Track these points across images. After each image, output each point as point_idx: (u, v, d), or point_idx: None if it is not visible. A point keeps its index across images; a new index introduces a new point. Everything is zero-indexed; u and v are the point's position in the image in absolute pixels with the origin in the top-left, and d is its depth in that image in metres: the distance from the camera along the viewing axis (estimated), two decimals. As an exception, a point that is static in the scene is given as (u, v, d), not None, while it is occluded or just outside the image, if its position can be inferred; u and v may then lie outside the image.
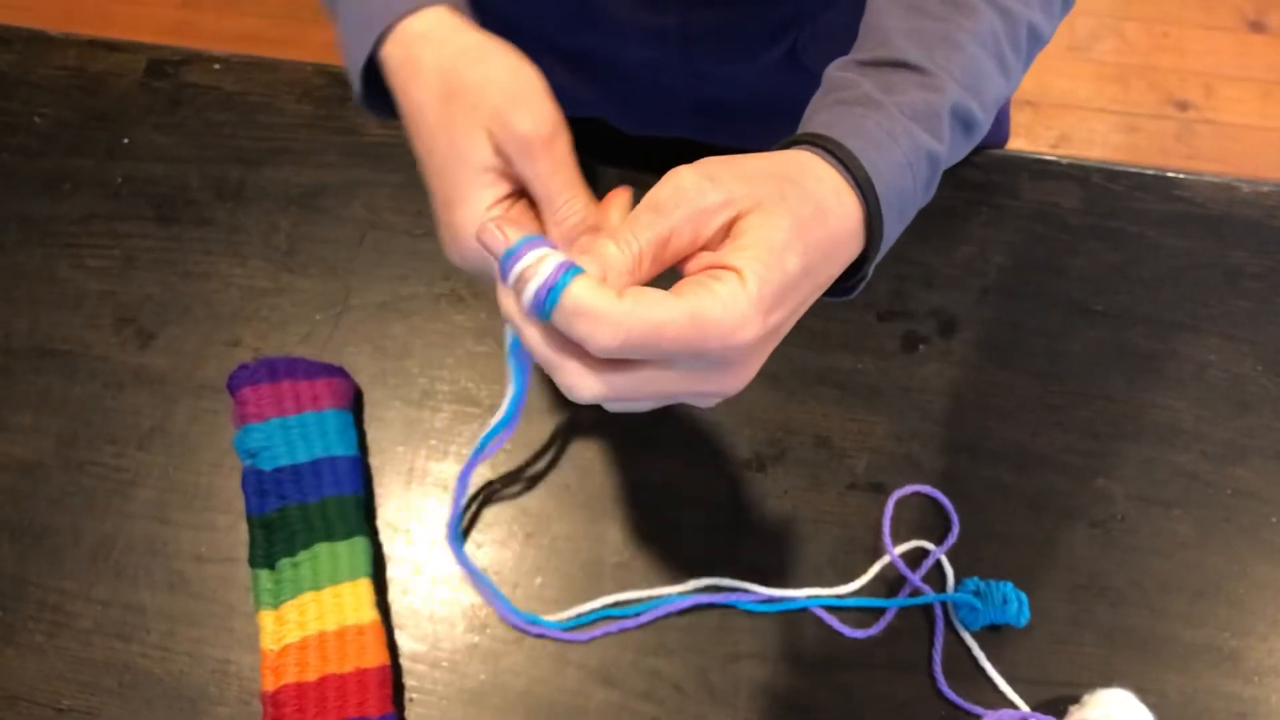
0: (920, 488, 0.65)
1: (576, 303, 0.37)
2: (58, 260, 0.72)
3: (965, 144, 0.51)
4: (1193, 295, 0.71)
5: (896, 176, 0.45)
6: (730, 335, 0.39)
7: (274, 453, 0.62)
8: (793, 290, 0.41)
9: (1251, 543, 0.64)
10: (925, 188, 0.48)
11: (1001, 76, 0.51)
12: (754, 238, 0.40)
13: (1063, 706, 0.60)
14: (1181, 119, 1.85)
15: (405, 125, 0.48)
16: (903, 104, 0.46)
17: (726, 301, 0.39)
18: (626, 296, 0.38)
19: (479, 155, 0.45)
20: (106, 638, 0.62)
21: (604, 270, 0.39)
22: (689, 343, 0.38)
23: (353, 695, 0.57)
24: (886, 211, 0.45)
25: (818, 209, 0.42)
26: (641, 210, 0.40)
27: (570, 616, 0.62)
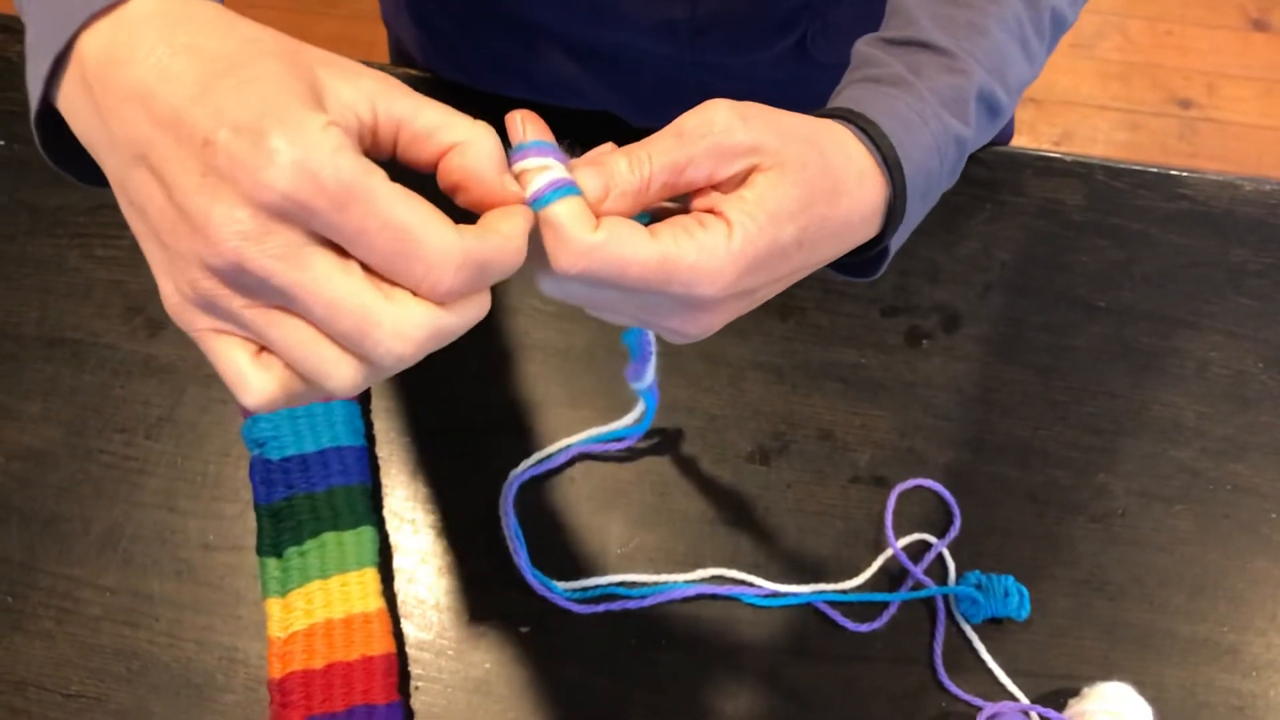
0: (923, 482, 0.66)
1: (551, 220, 0.37)
2: (67, 250, 0.72)
3: (990, 128, 0.51)
4: (1195, 292, 0.71)
5: (925, 159, 0.45)
6: (696, 284, 0.38)
7: (282, 442, 0.63)
8: (780, 259, 0.40)
9: (1251, 538, 0.65)
10: (951, 172, 0.49)
11: (1025, 61, 0.51)
12: (760, 194, 0.39)
13: (1062, 699, 0.60)
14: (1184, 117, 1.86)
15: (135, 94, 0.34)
16: (933, 87, 0.47)
17: (704, 249, 0.38)
18: (601, 228, 0.37)
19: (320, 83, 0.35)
20: (115, 625, 0.63)
21: (607, 185, 0.38)
22: (651, 284, 0.38)
23: (359, 683, 0.58)
24: (911, 193, 0.45)
25: (834, 188, 0.41)
26: (664, 134, 0.39)
27: (578, 587, 0.63)
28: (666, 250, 0.37)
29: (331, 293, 0.33)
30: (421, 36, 0.80)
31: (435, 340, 0.35)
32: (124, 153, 0.35)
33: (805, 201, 0.40)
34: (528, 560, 0.63)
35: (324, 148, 0.32)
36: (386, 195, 0.33)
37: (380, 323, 0.33)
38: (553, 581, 0.63)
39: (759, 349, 0.69)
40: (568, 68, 0.74)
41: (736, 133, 0.39)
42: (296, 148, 0.32)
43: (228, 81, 0.33)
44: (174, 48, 0.34)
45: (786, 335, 0.70)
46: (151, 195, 0.35)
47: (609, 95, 0.74)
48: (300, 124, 0.32)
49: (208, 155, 0.32)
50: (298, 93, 0.34)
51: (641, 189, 0.38)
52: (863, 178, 0.43)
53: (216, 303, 0.35)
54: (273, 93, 0.33)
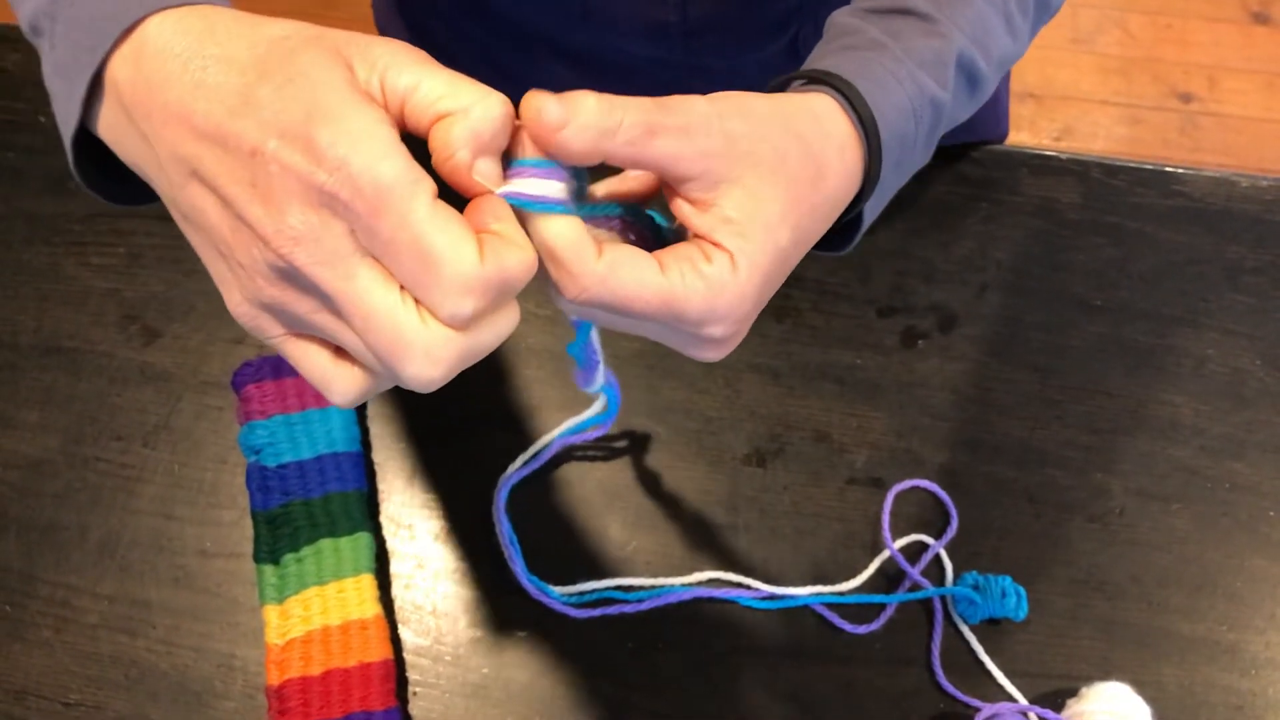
0: (919, 482, 0.66)
1: (548, 246, 0.36)
2: (63, 258, 0.73)
3: (969, 101, 0.50)
4: (1192, 290, 0.71)
5: (900, 121, 0.44)
6: (710, 323, 0.38)
7: (278, 449, 0.63)
8: (783, 265, 0.40)
9: (1249, 537, 0.65)
10: (926, 139, 0.48)
11: (1008, 35, 0.50)
12: (747, 212, 0.38)
13: (1061, 699, 0.60)
14: (1185, 111, 1.85)
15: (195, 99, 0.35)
16: (909, 49, 0.46)
17: (714, 284, 0.37)
18: (603, 258, 0.36)
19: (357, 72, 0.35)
20: (113, 633, 0.63)
21: (567, 118, 0.35)
22: (659, 318, 0.37)
23: (356, 689, 0.58)
24: (886, 159, 0.44)
25: (818, 172, 0.41)
26: (643, 99, 0.37)
27: (575, 592, 0.63)
28: (674, 288, 0.37)
29: (369, 306, 0.33)
30: (414, 40, 0.80)
31: (465, 360, 0.35)
32: (174, 172, 0.35)
33: (792, 198, 0.39)
34: (523, 566, 0.63)
35: (371, 152, 0.32)
36: (420, 210, 0.32)
37: (411, 344, 0.33)
38: (549, 586, 0.63)
39: (755, 350, 0.69)
40: (560, 71, 0.74)
41: (713, 121, 0.38)
42: (343, 148, 0.32)
43: (266, 88, 0.33)
44: (205, 61, 0.34)
45: (782, 337, 0.70)
46: (206, 210, 0.35)
47: (602, 99, 0.74)
48: (346, 123, 0.32)
49: (257, 165, 0.33)
50: (338, 85, 0.33)
51: (606, 133, 0.36)
52: (843, 150, 0.42)
53: (285, 308, 0.35)
54: (314, 92, 0.33)
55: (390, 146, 0.33)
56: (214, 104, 0.34)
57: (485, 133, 0.35)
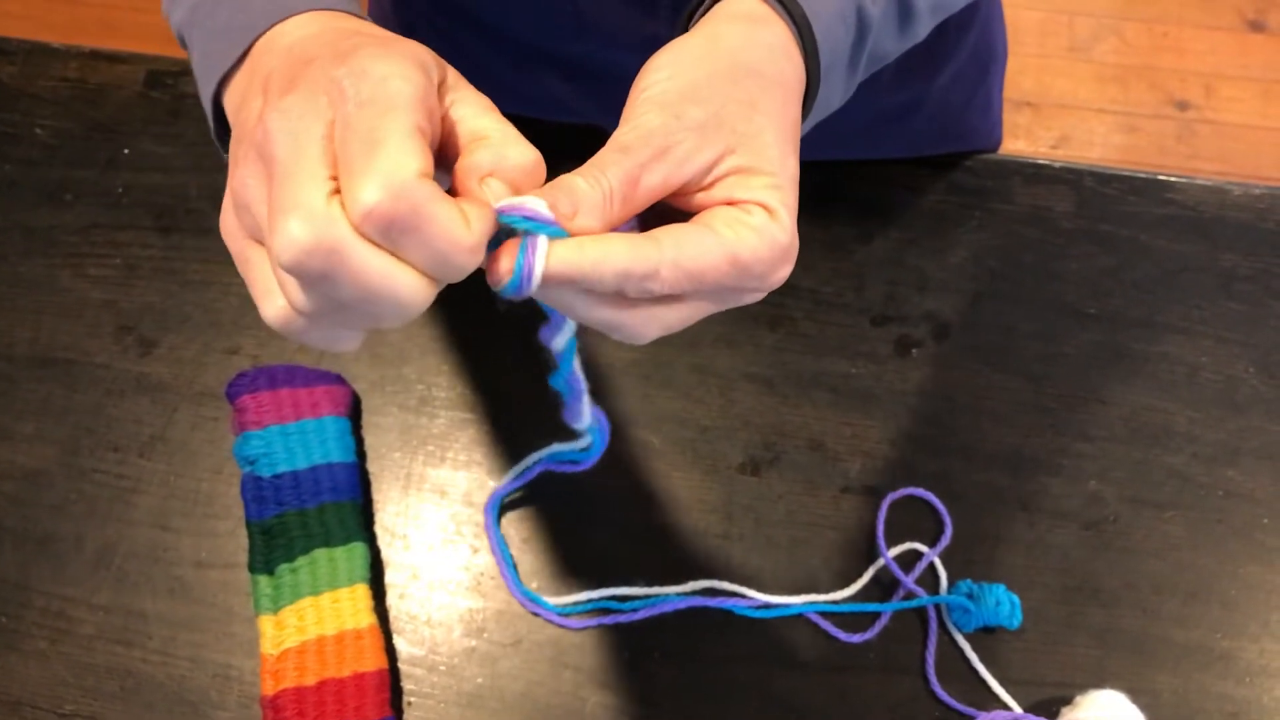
0: (914, 491, 0.66)
1: (611, 262, 0.36)
2: (59, 270, 0.73)
3: (898, 34, 0.50)
4: (1185, 298, 0.71)
5: (832, 24, 0.44)
6: (772, 271, 0.39)
7: (273, 459, 0.63)
8: (795, 182, 0.41)
9: (1244, 544, 0.65)
10: (852, 55, 0.47)
11: None
12: (758, 163, 0.39)
13: (1055, 708, 0.60)
14: (1182, 119, 1.86)
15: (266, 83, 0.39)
16: None
17: (765, 233, 0.38)
18: (663, 243, 0.37)
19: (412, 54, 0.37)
20: (108, 643, 0.63)
21: (575, 205, 0.36)
22: (728, 280, 0.38)
23: (351, 699, 0.58)
24: (822, 58, 0.44)
25: (785, 91, 0.42)
26: (606, 151, 0.38)
27: (569, 602, 0.63)
28: (735, 244, 0.37)
29: (292, 168, 0.34)
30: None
31: (331, 261, 0.33)
32: (253, 98, 0.39)
33: (777, 128, 0.40)
34: (515, 579, 0.63)
35: (389, 71, 0.35)
36: (398, 120, 0.33)
37: (299, 205, 0.33)
38: (543, 598, 0.63)
39: (749, 360, 0.69)
40: (553, 83, 0.74)
41: (675, 132, 0.38)
42: (371, 64, 0.35)
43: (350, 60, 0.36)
44: (306, 44, 0.39)
45: (776, 346, 0.70)
46: (250, 117, 0.39)
47: (595, 110, 0.75)
48: (385, 63, 0.35)
49: (308, 73, 0.36)
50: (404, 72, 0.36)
51: (606, 203, 0.37)
52: (788, 53, 0.43)
53: (246, 194, 0.37)
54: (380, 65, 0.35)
55: (410, 80, 0.34)
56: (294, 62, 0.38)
57: (512, 171, 0.37)
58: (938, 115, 0.75)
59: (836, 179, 0.74)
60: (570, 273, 0.36)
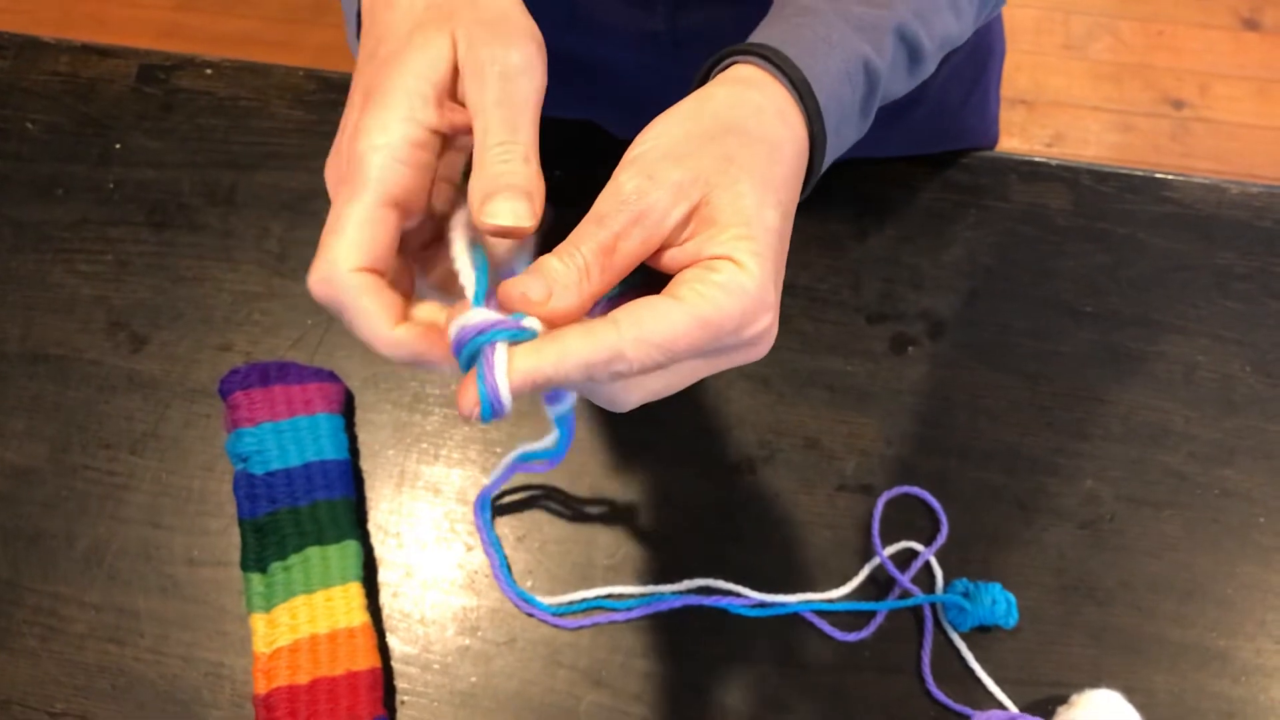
0: (909, 489, 0.65)
1: (573, 359, 0.35)
2: (51, 265, 0.72)
3: (908, 77, 0.49)
4: (1181, 296, 0.71)
5: (835, 85, 0.44)
6: (747, 324, 0.38)
7: (265, 457, 0.63)
8: (782, 242, 0.40)
9: (1240, 543, 0.65)
10: (862, 107, 0.46)
11: (952, 14, 0.50)
12: (727, 216, 0.38)
13: (1051, 707, 0.60)
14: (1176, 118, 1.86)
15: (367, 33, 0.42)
16: (845, 12, 0.45)
17: (732, 288, 0.37)
18: (621, 324, 0.36)
19: (432, 53, 0.39)
20: (100, 642, 0.62)
21: (549, 286, 0.37)
22: (703, 344, 0.37)
23: (343, 698, 0.58)
24: (827, 120, 0.43)
25: (771, 147, 0.41)
26: (583, 223, 0.38)
27: (563, 602, 0.63)
28: (700, 308, 0.37)
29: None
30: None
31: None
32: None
33: (761, 183, 0.39)
34: (509, 578, 0.63)
35: (372, 139, 0.38)
36: (356, 204, 0.37)
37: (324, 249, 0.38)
38: (536, 598, 0.63)
39: (745, 358, 0.69)
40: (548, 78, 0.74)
41: (649, 193, 0.38)
42: (362, 126, 0.38)
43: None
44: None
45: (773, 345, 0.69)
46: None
47: (590, 105, 0.74)
48: (378, 115, 0.38)
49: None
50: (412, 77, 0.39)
51: (581, 279, 0.37)
52: (784, 113, 0.42)
53: None
54: (392, 74, 0.39)
55: (388, 144, 0.37)
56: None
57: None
58: (934, 113, 0.75)
59: (832, 177, 0.73)
60: (535, 379, 0.36)
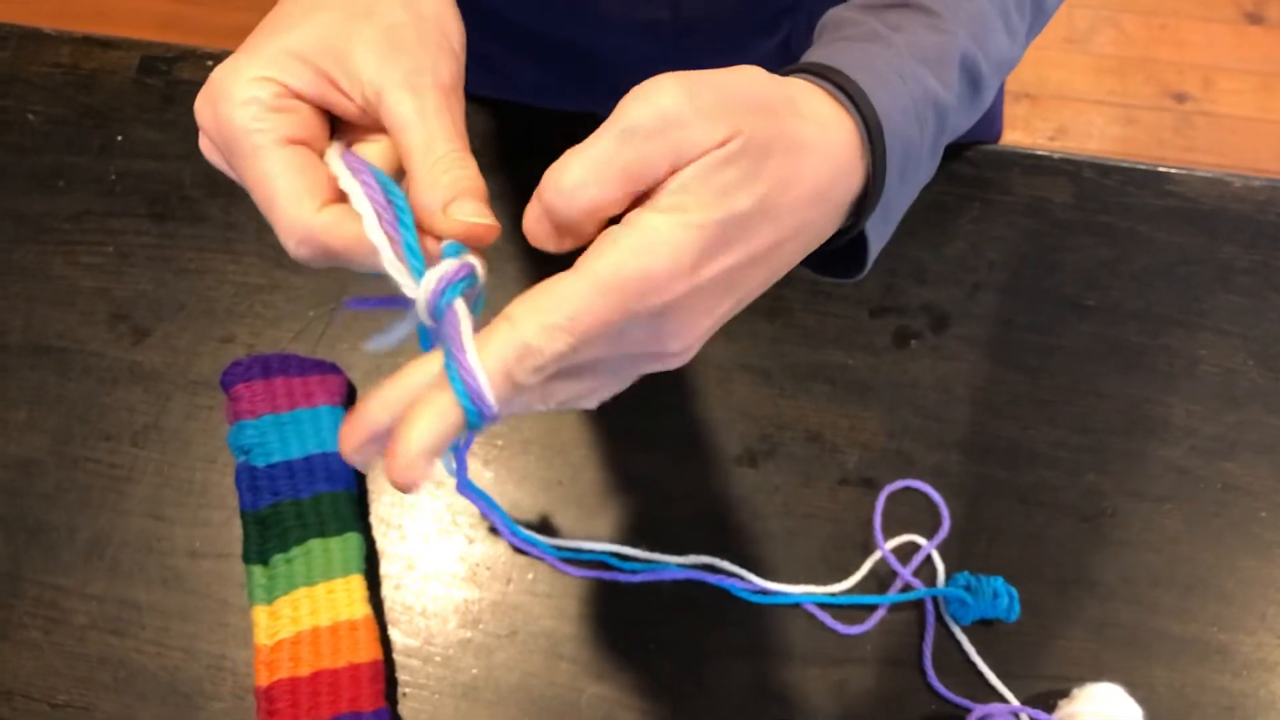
0: (911, 483, 0.65)
1: (497, 371, 0.33)
2: (52, 257, 0.72)
3: (970, 108, 0.46)
4: (1184, 290, 0.71)
5: (903, 123, 0.40)
6: (651, 290, 0.33)
7: (267, 449, 0.63)
8: (746, 235, 0.35)
9: (1241, 537, 0.65)
10: (932, 147, 0.43)
11: (1006, 37, 0.47)
12: (686, 176, 0.34)
13: (1052, 701, 0.60)
14: (1179, 111, 1.85)
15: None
16: (913, 45, 0.41)
17: (636, 249, 0.32)
18: (516, 311, 0.33)
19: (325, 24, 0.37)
20: (101, 633, 0.62)
21: (570, 175, 0.33)
22: (613, 313, 0.32)
23: (345, 690, 0.58)
24: (890, 160, 0.39)
25: (791, 142, 0.36)
26: (608, 132, 0.34)
27: (570, 548, 0.63)
28: (599, 272, 0.32)
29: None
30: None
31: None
32: None
33: (751, 166, 0.34)
34: (504, 518, 0.62)
35: (235, 97, 0.36)
36: (263, 156, 0.36)
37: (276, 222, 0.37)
38: (539, 538, 0.62)
39: (746, 351, 0.69)
40: (549, 68, 0.74)
41: (695, 129, 0.34)
42: (212, 88, 0.37)
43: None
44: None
45: (774, 337, 0.69)
46: None
47: (591, 96, 0.74)
48: (236, 68, 0.37)
49: None
50: (290, 43, 0.37)
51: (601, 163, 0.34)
52: (826, 129, 0.37)
53: None
54: (269, 34, 0.38)
55: (253, 98, 0.36)
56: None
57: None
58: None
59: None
60: (511, 375, 0.33)
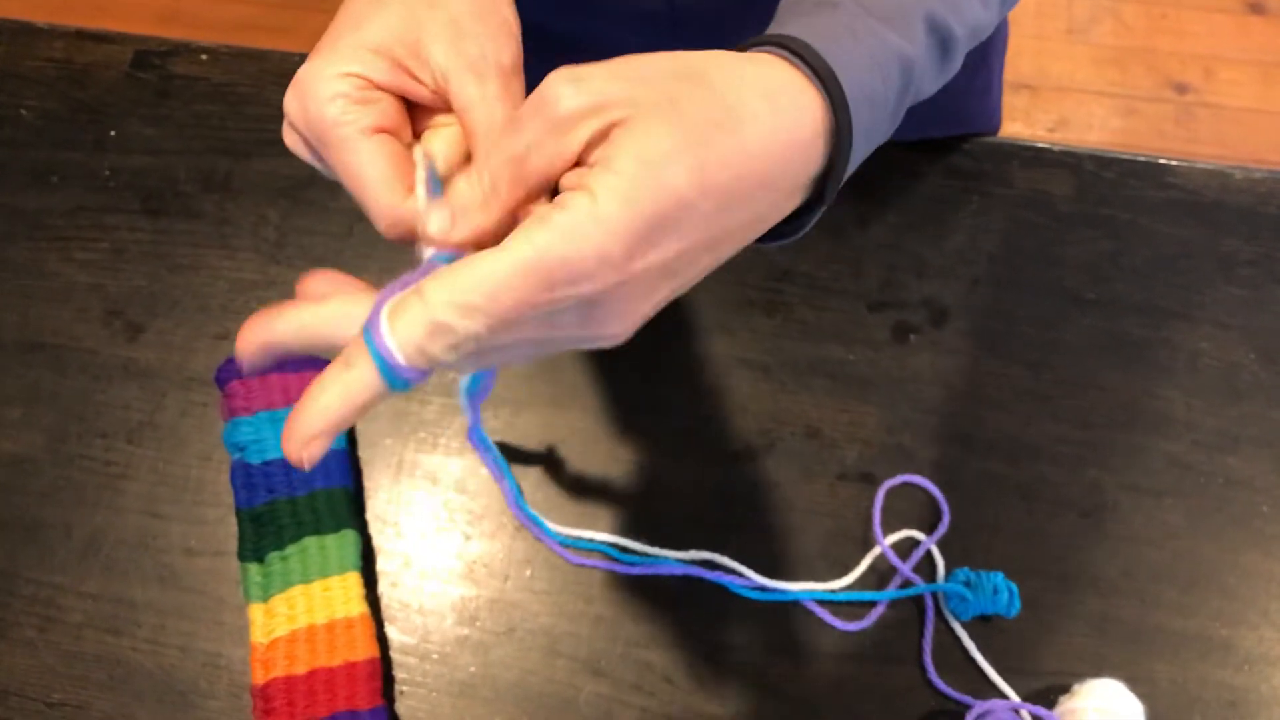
0: (911, 478, 0.65)
1: (406, 339, 0.34)
2: (46, 253, 0.72)
3: (940, 68, 0.44)
4: (1185, 283, 0.70)
5: (864, 76, 0.38)
6: (578, 277, 0.32)
7: (262, 446, 0.62)
8: (684, 211, 0.33)
9: (1243, 532, 0.64)
10: (896, 103, 0.41)
11: (979, 1, 0.45)
12: (621, 148, 0.32)
13: (1053, 696, 0.60)
14: (1180, 102, 1.85)
15: None
16: (867, 4, 0.39)
17: (567, 232, 0.31)
18: (428, 287, 0.32)
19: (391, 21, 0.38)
20: (97, 632, 0.62)
21: (453, 214, 0.34)
22: (535, 293, 0.32)
23: (342, 688, 0.57)
24: (855, 117, 0.37)
25: (729, 112, 0.34)
26: (503, 130, 0.35)
27: (573, 535, 0.63)
28: (522, 254, 0.31)
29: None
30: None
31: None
32: None
33: (688, 137, 0.33)
34: (516, 493, 0.62)
35: (322, 93, 0.38)
36: (352, 147, 0.38)
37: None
38: (543, 520, 0.62)
39: (745, 346, 0.69)
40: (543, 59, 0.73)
41: (566, 98, 0.33)
42: (300, 85, 0.39)
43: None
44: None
45: (773, 332, 0.69)
46: None
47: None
48: (320, 65, 0.38)
49: None
50: (367, 38, 0.39)
51: (486, 200, 0.34)
52: (773, 95, 0.35)
53: None
54: (345, 31, 0.39)
55: (338, 93, 0.38)
56: None
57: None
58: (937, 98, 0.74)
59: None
60: (424, 350, 0.34)
